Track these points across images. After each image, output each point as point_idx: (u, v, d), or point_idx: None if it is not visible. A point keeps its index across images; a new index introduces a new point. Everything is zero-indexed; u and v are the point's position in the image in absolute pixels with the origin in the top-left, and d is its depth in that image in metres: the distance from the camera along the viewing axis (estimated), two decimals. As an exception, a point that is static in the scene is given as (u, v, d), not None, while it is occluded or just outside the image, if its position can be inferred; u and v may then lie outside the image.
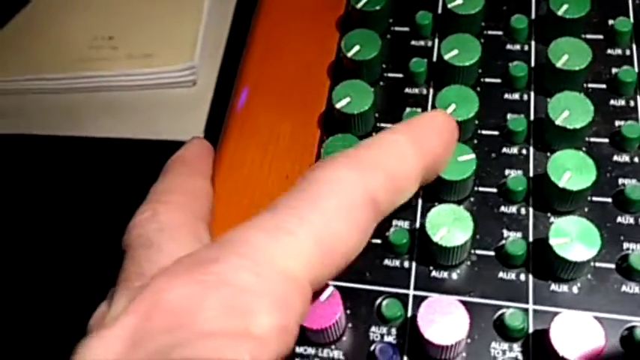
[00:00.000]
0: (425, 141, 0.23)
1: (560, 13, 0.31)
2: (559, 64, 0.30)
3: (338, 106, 0.30)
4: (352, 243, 0.21)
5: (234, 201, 0.31)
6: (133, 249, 0.23)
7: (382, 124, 0.32)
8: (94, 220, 0.53)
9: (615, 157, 0.29)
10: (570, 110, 0.28)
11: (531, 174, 0.29)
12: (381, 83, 0.33)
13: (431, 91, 0.32)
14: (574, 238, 0.25)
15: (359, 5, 0.33)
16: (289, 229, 0.19)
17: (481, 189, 0.29)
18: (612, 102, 0.31)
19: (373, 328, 0.27)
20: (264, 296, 0.18)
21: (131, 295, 0.19)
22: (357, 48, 0.31)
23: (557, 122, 0.28)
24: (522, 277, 0.27)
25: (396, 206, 0.23)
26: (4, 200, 0.54)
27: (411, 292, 0.27)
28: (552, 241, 0.25)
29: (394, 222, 0.29)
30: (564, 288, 0.27)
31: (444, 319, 0.24)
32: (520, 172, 0.29)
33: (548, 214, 0.28)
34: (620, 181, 0.29)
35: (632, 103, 0.31)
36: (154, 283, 0.19)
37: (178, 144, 0.57)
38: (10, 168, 0.56)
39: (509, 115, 0.31)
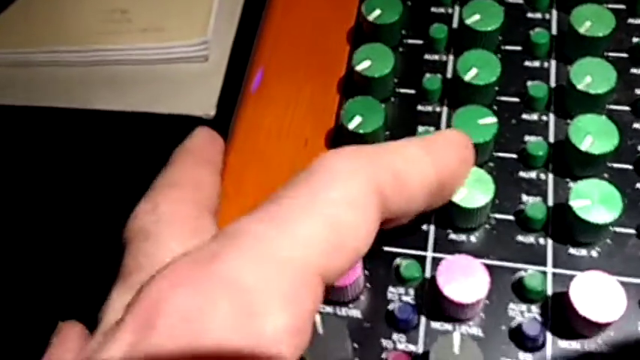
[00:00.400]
0: (440, 153, 0.22)
1: (583, -20, 0.31)
2: (582, 31, 0.29)
3: (358, 68, 0.30)
4: (362, 235, 0.19)
5: (252, 167, 0.31)
6: (130, 242, 0.22)
7: (401, 90, 0.32)
8: (102, 193, 0.53)
9: (635, 125, 0.29)
10: (593, 76, 0.28)
11: (551, 140, 0.29)
12: (401, 49, 0.33)
13: (451, 57, 0.32)
14: (595, 201, 0.25)
15: (380, -30, 0.33)
16: (292, 219, 0.18)
17: (500, 154, 0.29)
18: (633, 70, 0.31)
19: (391, 289, 0.27)
20: (272, 295, 0.17)
21: (130, 299, 0.18)
22: (378, 12, 0.31)
23: (580, 87, 0.28)
24: (541, 240, 0.27)
25: (403, 212, 0.21)
26: (12, 172, 0.54)
27: (430, 253, 0.27)
28: (573, 203, 0.25)
29: (413, 185, 0.29)
30: (583, 252, 0.27)
31: (464, 278, 0.24)
32: (540, 138, 0.29)
33: (568, 180, 0.28)
34: (640, 148, 0.29)
35: (653, 72, 0.30)
36: (153, 286, 0.17)
37: (190, 119, 0.57)
38: (21, 140, 0.56)
39: (529, 82, 0.31)
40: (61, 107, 0.57)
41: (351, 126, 0.28)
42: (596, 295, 0.24)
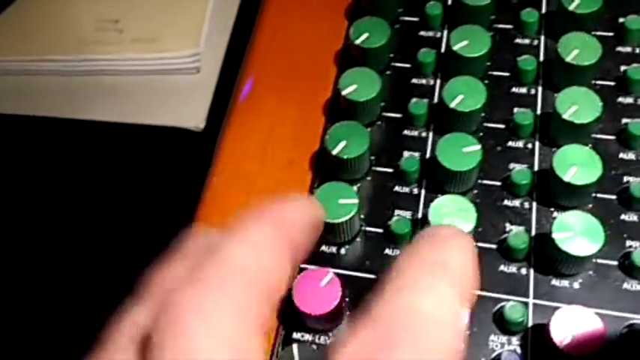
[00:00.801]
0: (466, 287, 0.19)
1: (571, 8, 0.31)
2: (569, 59, 0.29)
3: (344, 93, 0.30)
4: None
5: (236, 184, 0.31)
6: (159, 340, 0.18)
7: (388, 114, 0.32)
8: (91, 203, 0.53)
9: (621, 155, 0.29)
10: (578, 105, 0.28)
11: (536, 168, 0.29)
12: (388, 72, 0.33)
13: (438, 82, 0.32)
14: (577, 233, 0.25)
15: (368, -7, 0.33)
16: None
17: (485, 181, 0.29)
18: (620, 99, 0.31)
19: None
20: None
21: None
22: (365, 35, 0.31)
23: (565, 116, 0.28)
24: (523, 270, 0.27)
25: None
26: (4, 180, 0.54)
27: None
28: (555, 235, 0.25)
29: (396, 212, 0.29)
30: (565, 283, 0.26)
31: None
32: (525, 166, 0.29)
33: (552, 209, 0.28)
34: (625, 178, 0.29)
35: (640, 101, 0.30)
36: None
37: (180, 131, 0.57)
38: (11, 149, 0.56)
39: (515, 109, 0.31)
40: (50, 117, 0.57)
41: (335, 151, 0.28)
42: (575, 329, 0.24)
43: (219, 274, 0.18)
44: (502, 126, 0.30)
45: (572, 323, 0.24)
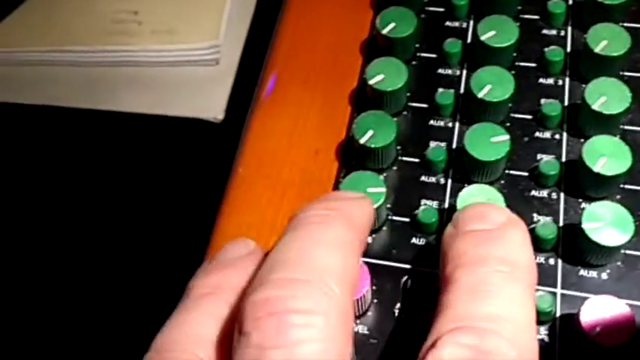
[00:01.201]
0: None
1: (599, -1, 0.31)
2: (597, 50, 0.29)
3: (371, 82, 0.30)
4: None
5: (262, 173, 0.31)
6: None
7: (414, 104, 0.32)
8: (111, 194, 0.53)
9: (650, 146, 0.29)
10: (607, 96, 0.28)
11: (564, 159, 0.29)
12: (414, 62, 0.33)
13: (464, 72, 0.32)
14: (607, 223, 0.25)
15: (395, -17, 0.33)
16: None
17: (512, 172, 0.29)
18: (648, 90, 0.30)
19: (399, 305, 0.27)
20: None
21: None
22: (392, 25, 0.31)
23: (594, 107, 0.28)
24: (552, 261, 0.27)
25: None
26: (24, 170, 0.54)
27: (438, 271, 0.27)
28: (585, 225, 0.25)
29: (423, 201, 0.29)
30: (593, 274, 0.26)
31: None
32: (552, 156, 0.29)
33: (580, 200, 0.28)
34: (654, 169, 0.28)
35: (668, 93, 0.30)
36: None
37: (199, 122, 0.57)
38: (31, 139, 0.57)
39: (543, 100, 0.31)
40: (68, 107, 0.57)
41: (363, 140, 0.28)
42: (605, 319, 0.24)
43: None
44: (529, 117, 0.30)
45: (602, 313, 0.24)
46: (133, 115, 0.57)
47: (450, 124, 0.31)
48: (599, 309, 0.24)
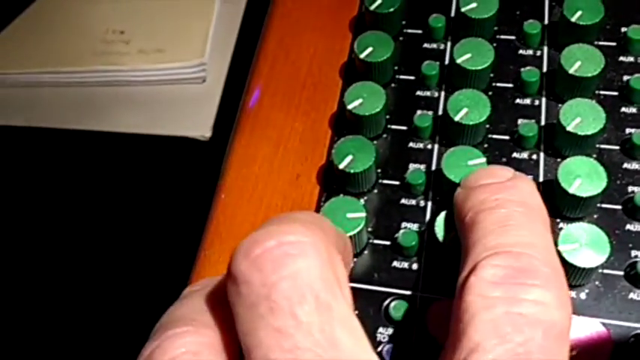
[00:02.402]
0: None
1: (574, 19, 0.31)
2: (571, 71, 0.30)
3: (350, 107, 0.30)
4: None
5: (244, 198, 0.31)
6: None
7: (393, 126, 0.32)
8: (100, 212, 0.53)
9: (625, 165, 0.29)
10: (582, 117, 0.28)
11: (541, 179, 0.29)
12: (393, 85, 0.33)
13: (442, 94, 0.32)
14: (583, 244, 0.26)
15: (373, 7, 0.33)
16: None
17: (491, 193, 0.29)
18: (623, 109, 0.31)
19: (381, 329, 0.27)
20: None
21: None
22: (369, 50, 0.32)
23: (569, 128, 0.28)
24: (530, 282, 0.27)
25: None
26: (17, 190, 0.55)
27: (419, 294, 0.27)
28: (561, 247, 0.26)
29: (403, 224, 0.29)
30: (572, 294, 0.27)
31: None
32: (530, 177, 0.29)
33: (558, 220, 0.28)
34: (630, 188, 0.29)
35: (643, 111, 0.31)
36: None
37: (187, 140, 0.57)
38: (22, 160, 0.57)
39: (520, 120, 0.31)
40: (57, 128, 0.57)
41: (342, 165, 0.29)
42: (582, 340, 0.24)
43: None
44: (507, 137, 0.31)
45: (579, 334, 0.24)
46: (121, 134, 0.57)
47: (430, 146, 0.31)
48: (576, 331, 0.24)
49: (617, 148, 0.30)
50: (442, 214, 0.27)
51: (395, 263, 0.28)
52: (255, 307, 0.18)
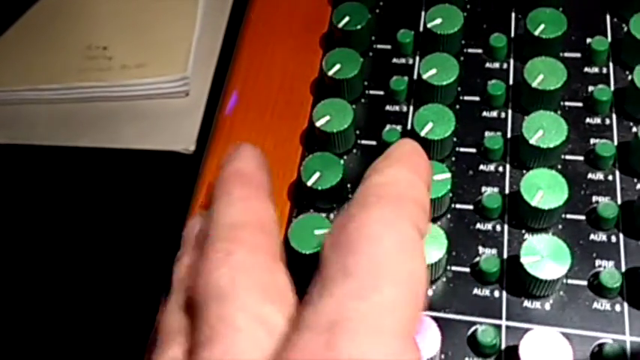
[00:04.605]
0: (418, 166, 0.23)
1: (537, 32, 0.32)
2: (534, 84, 0.30)
3: (318, 124, 0.31)
4: (426, 276, 0.20)
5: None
6: (201, 303, 0.20)
7: (363, 141, 0.32)
8: (85, 230, 0.53)
9: (590, 175, 0.30)
10: (544, 130, 0.29)
11: (507, 191, 0.30)
12: (363, 100, 0.34)
13: (411, 108, 0.33)
14: (545, 256, 0.26)
15: (341, 24, 0.34)
16: (372, 287, 0.18)
17: (458, 206, 0.30)
18: (588, 120, 0.31)
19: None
20: None
21: None
22: (337, 67, 0.32)
23: (532, 142, 0.29)
24: (496, 293, 0.28)
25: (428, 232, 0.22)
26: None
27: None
28: (523, 260, 0.26)
29: (372, 238, 0.29)
30: (537, 304, 0.27)
31: (416, 336, 0.25)
32: (496, 189, 0.30)
33: (523, 231, 0.29)
34: (594, 198, 0.29)
35: (607, 122, 0.31)
36: None
37: (171, 154, 0.57)
38: (3, 178, 0.57)
39: (486, 133, 0.31)
40: (42, 145, 0.58)
41: (310, 182, 0.29)
42: (545, 351, 0.24)
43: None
44: (474, 150, 0.31)
45: (541, 346, 0.25)
46: (104, 150, 0.58)
47: (398, 161, 0.31)
48: (538, 342, 0.25)
49: (582, 158, 0.30)
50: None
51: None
52: None
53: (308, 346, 0.17)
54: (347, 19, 0.34)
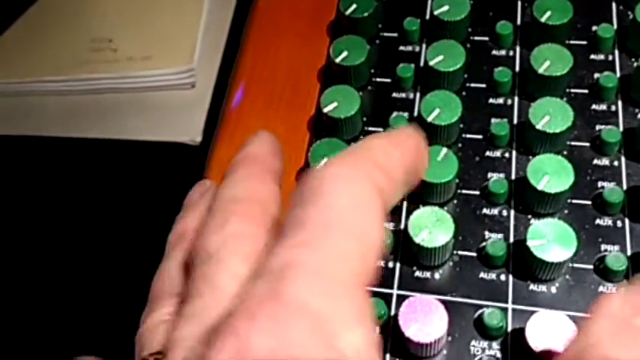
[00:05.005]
0: (402, 145, 0.23)
1: (543, 19, 0.32)
2: (541, 70, 0.30)
3: (325, 110, 0.31)
4: (379, 235, 0.20)
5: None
6: (192, 264, 0.22)
7: (370, 128, 0.33)
8: (92, 221, 0.54)
9: (595, 161, 0.30)
10: (551, 115, 0.29)
11: (513, 177, 0.30)
12: (370, 87, 0.34)
13: (417, 95, 0.33)
14: (551, 240, 0.26)
15: (348, 12, 0.34)
16: (323, 238, 0.19)
17: (464, 191, 0.30)
18: (594, 106, 0.32)
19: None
20: (344, 315, 0.18)
21: (195, 331, 0.19)
22: (345, 54, 0.32)
23: (538, 127, 0.29)
24: (502, 277, 0.28)
25: (395, 201, 0.23)
26: (5, 200, 0.55)
27: (395, 291, 0.28)
28: (530, 243, 0.26)
29: (379, 223, 0.30)
30: (543, 288, 0.27)
31: (424, 318, 0.25)
32: (502, 175, 0.30)
33: (529, 216, 0.29)
34: (600, 184, 0.29)
35: (612, 108, 0.31)
36: (234, 328, 0.18)
37: (178, 145, 0.58)
38: (11, 169, 0.57)
39: (493, 120, 0.32)
40: (48, 136, 0.58)
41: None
42: (550, 333, 0.25)
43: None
44: (480, 136, 0.31)
45: (547, 328, 0.25)
46: (110, 141, 0.58)
47: (405, 147, 0.32)
48: (544, 324, 0.25)
49: (588, 144, 0.31)
50: (415, 213, 0.28)
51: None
52: None
53: (256, 294, 0.18)
54: (354, 6, 0.34)
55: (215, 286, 0.20)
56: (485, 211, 0.30)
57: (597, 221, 0.29)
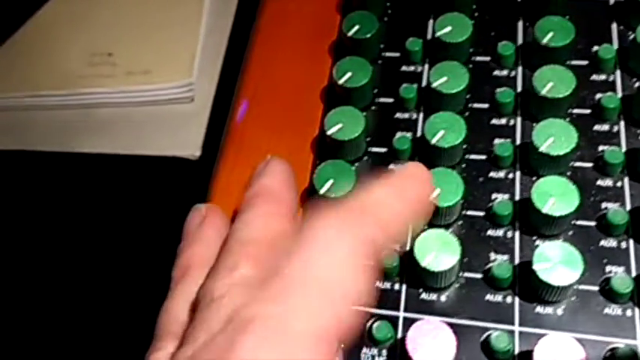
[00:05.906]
0: (406, 193, 0.24)
1: (544, 41, 0.32)
2: (543, 92, 0.30)
3: (329, 132, 0.31)
4: (356, 287, 0.21)
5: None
6: (198, 306, 0.23)
7: (374, 149, 0.33)
8: (88, 236, 0.54)
9: (599, 182, 0.30)
10: (555, 137, 0.29)
11: (517, 198, 0.30)
12: (373, 108, 0.34)
13: (421, 115, 0.33)
14: (557, 263, 0.26)
15: (350, 33, 0.34)
16: (292, 293, 0.20)
17: (469, 212, 0.30)
18: (596, 127, 0.32)
19: (364, 350, 0.28)
20: None
21: None
22: (348, 75, 0.32)
23: (542, 149, 0.29)
24: (509, 299, 0.28)
25: (394, 244, 0.25)
26: (1, 215, 0.55)
27: (401, 314, 0.28)
28: (536, 266, 0.26)
29: (385, 245, 0.30)
30: (549, 310, 0.28)
31: (431, 342, 0.25)
32: (507, 195, 0.30)
33: (534, 238, 0.29)
34: (603, 205, 0.30)
35: (615, 129, 0.31)
36: None
37: (177, 160, 0.58)
38: (9, 184, 0.57)
39: (496, 140, 0.32)
40: (47, 151, 0.58)
41: (323, 190, 0.29)
42: (559, 356, 0.25)
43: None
44: (484, 157, 0.32)
45: (555, 351, 0.25)
46: (109, 156, 0.58)
47: (409, 168, 0.32)
48: (552, 347, 0.25)
49: (591, 165, 0.31)
50: (421, 236, 0.28)
51: (377, 284, 0.29)
52: None
53: (217, 344, 0.19)
54: (357, 27, 0.34)
55: (211, 332, 0.20)
56: (490, 232, 0.30)
57: (602, 242, 0.29)
